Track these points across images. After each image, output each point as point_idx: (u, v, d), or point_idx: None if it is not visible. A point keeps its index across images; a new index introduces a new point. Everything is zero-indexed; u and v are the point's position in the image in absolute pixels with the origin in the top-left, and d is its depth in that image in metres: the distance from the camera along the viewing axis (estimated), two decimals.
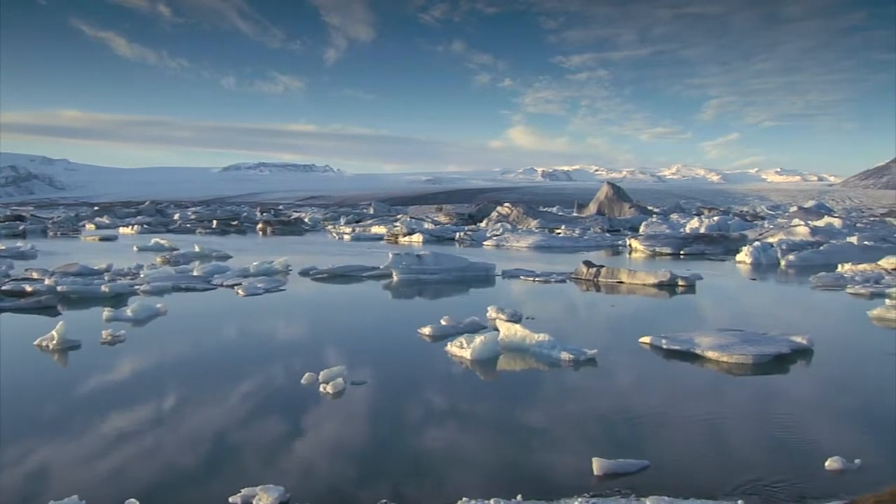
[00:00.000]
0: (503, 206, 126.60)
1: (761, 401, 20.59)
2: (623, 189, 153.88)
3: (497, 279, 47.92)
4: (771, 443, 16.71)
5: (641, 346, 26.59)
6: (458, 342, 24.91)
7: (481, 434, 16.99)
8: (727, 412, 19.28)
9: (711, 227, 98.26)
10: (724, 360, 24.21)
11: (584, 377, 22.62)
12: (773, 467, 14.92)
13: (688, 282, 44.86)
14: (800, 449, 16.17)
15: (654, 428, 17.58)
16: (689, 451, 16.01)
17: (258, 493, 13.00)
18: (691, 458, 15.54)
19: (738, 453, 15.89)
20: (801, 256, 62.38)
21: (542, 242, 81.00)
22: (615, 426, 17.69)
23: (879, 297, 39.99)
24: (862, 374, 24.21)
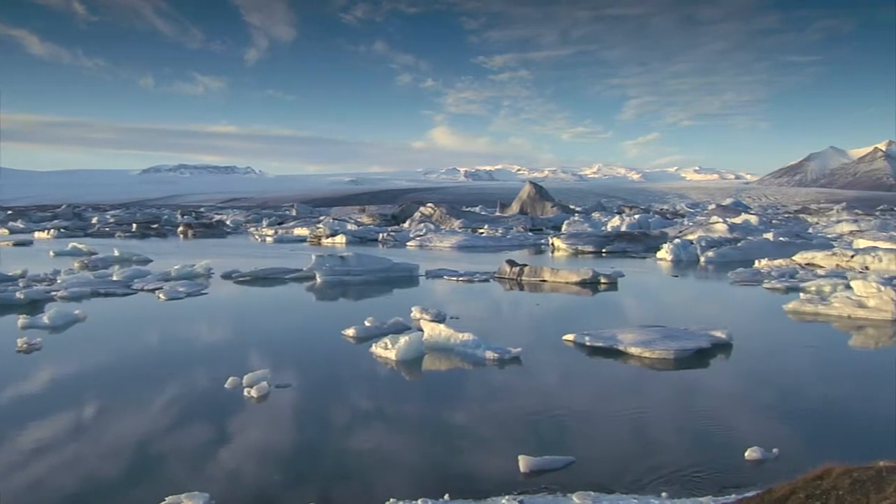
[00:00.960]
0: (426, 206, 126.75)
1: (683, 395, 20.91)
2: (545, 188, 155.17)
3: (421, 279, 47.97)
4: (693, 435, 16.99)
5: (565, 344, 26.81)
6: (383, 343, 24.85)
7: (408, 435, 16.96)
8: (650, 407, 19.53)
9: (632, 226, 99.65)
10: (646, 356, 24.54)
11: (508, 375, 22.71)
12: (695, 459, 15.17)
13: (610, 279, 45.38)
14: (721, 440, 16.46)
15: (578, 424, 17.73)
16: (613, 445, 16.18)
17: (183, 500, 12.78)
18: (616, 452, 15.70)
19: (661, 446, 16.11)
20: (719, 253, 63.58)
21: (466, 242, 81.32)
22: (540, 424, 17.79)
23: (794, 292, 40.96)
24: (779, 366, 24.74)
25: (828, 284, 41.94)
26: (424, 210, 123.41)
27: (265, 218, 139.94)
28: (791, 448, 15.56)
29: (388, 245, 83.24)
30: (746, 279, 47.79)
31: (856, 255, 54.38)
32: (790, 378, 23.09)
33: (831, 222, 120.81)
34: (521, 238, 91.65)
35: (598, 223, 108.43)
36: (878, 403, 20.22)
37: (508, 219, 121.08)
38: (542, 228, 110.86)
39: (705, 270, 57.07)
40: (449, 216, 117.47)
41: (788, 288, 43.07)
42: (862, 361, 26.70)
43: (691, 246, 66.19)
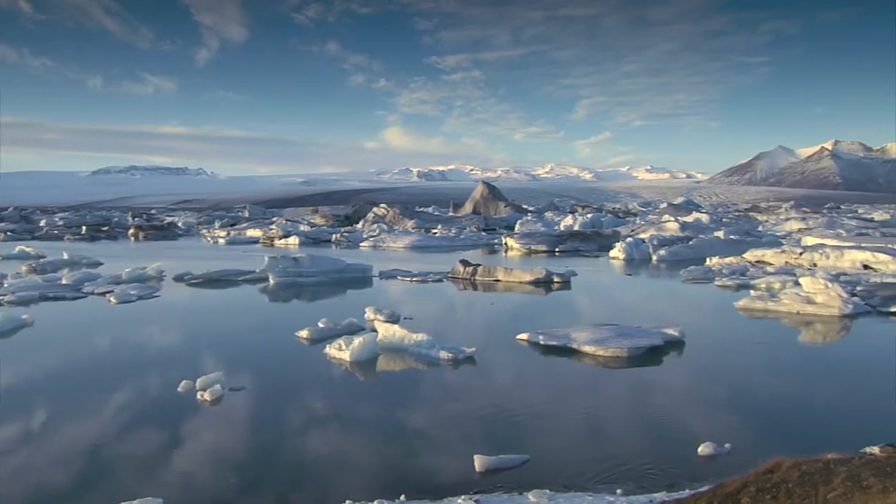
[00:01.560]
0: (379, 206, 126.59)
1: (637, 392, 21.08)
2: (498, 188, 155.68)
3: (374, 280, 47.90)
4: (647, 432, 17.13)
5: (519, 343, 26.90)
6: (337, 344, 24.78)
7: (363, 436, 16.92)
8: (604, 404, 19.67)
9: (585, 225, 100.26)
10: (600, 354, 24.71)
11: (463, 375, 22.75)
12: (649, 455, 15.30)
13: (563, 278, 45.61)
14: (674, 436, 16.63)
15: (533, 423, 17.80)
16: (568, 443, 16.26)
17: None
18: (571, 450, 15.79)
19: (615, 444, 16.23)
20: (671, 251, 64.18)
21: (419, 242, 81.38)
22: (496, 423, 17.84)
23: (745, 289, 41.47)
24: (730, 362, 25.04)
25: (777, 281, 42.54)
26: (378, 210, 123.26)
27: (217, 220, 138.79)
28: (743, 443, 15.75)
29: (342, 246, 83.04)
30: (698, 277, 48.31)
31: (804, 253, 55.15)
32: (741, 374, 23.38)
33: (780, 220, 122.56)
34: (474, 238, 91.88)
35: (550, 222, 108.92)
36: (826, 397, 20.60)
37: (462, 219, 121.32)
38: (495, 228, 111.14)
39: (657, 269, 57.58)
40: (402, 216, 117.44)
41: (739, 285, 43.59)
42: (811, 357, 27.08)
43: (643, 244, 66.74)
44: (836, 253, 53.54)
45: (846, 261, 52.21)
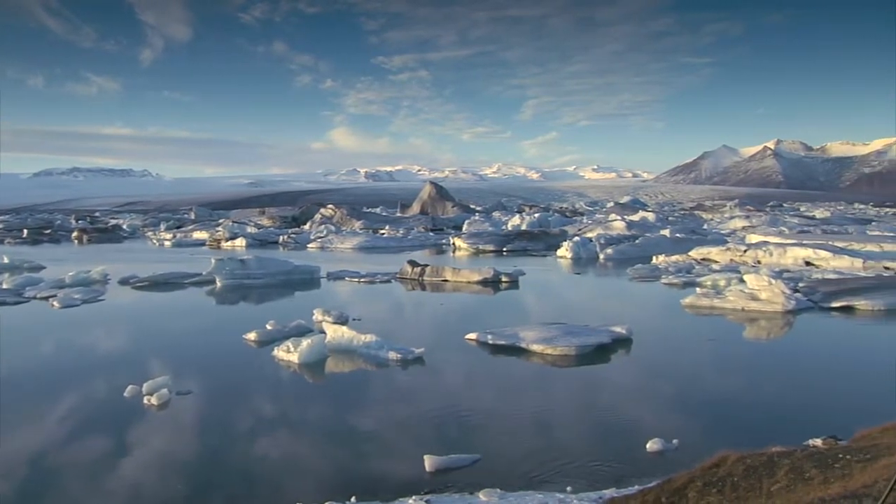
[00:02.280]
0: (327, 207, 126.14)
1: (586, 390, 21.24)
2: (445, 188, 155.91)
3: (322, 281, 47.72)
4: (596, 429, 17.27)
5: (468, 343, 26.95)
6: (285, 346, 24.65)
7: (313, 438, 16.86)
8: (553, 403, 19.79)
9: (533, 224, 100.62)
10: (548, 353, 24.84)
11: (412, 376, 22.75)
12: (598, 452, 15.42)
13: (511, 278, 45.77)
14: (623, 433, 16.78)
15: (483, 422, 17.85)
16: (518, 442, 16.32)
17: None
18: (521, 449, 15.85)
19: (565, 441, 16.33)
20: (618, 250, 64.72)
21: (367, 243, 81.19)
22: (445, 423, 17.86)
23: (691, 286, 41.96)
24: (677, 359, 25.33)
25: (722, 279, 43.11)
26: (325, 212, 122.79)
27: (163, 222, 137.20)
28: (690, 438, 15.93)
29: (289, 247, 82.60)
30: (645, 275, 48.78)
31: (748, 250, 55.97)
32: (688, 371, 23.67)
33: (725, 218, 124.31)
34: (422, 238, 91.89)
35: (498, 222, 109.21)
36: (771, 392, 20.90)
37: (409, 219, 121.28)
38: (443, 228, 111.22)
39: (605, 267, 58.00)
40: (350, 217, 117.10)
41: (685, 283, 44.09)
42: (755, 353, 27.47)
43: (591, 243, 67.22)
44: (779, 250, 54.44)
45: (789, 258, 53.11)
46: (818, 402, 19.65)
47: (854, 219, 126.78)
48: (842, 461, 8.27)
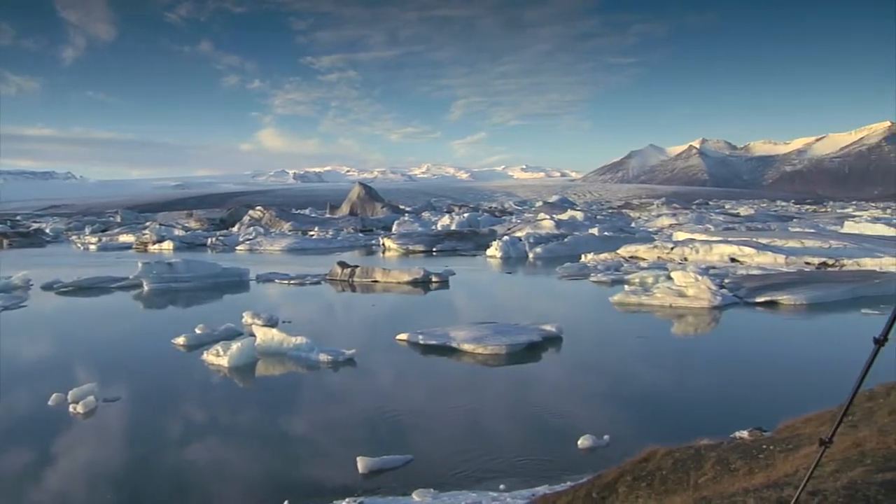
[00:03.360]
0: (255, 209, 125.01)
1: (517, 388, 21.37)
2: (375, 189, 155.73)
3: (252, 284, 47.32)
4: (528, 427, 17.38)
5: (399, 344, 26.93)
6: (215, 350, 24.39)
7: (244, 443, 16.70)
8: (485, 402, 19.87)
9: (462, 224, 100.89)
10: (479, 352, 24.93)
11: (343, 377, 22.68)
12: (530, 450, 15.53)
13: (441, 278, 45.86)
14: (555, 431, 16.92)
15: (416, 422, 17.87)
16: (451, 442, 16.37)
17: None
18: (454, 448, 15.89)
19: (497, 440, 16.41)
20: (547, 248, 65.24)
21: (296, 245, 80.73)
22: (378, 424, 17.83)
23: (619, 284, 42.48)
24: (607, 356, 25.64)
25: (650, 276, 43.71)
26: (254, 213, 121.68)
27: (88, 225, 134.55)
28: (621, 434, 16.12)
29: (218, 250, 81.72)
30: (574, 273, 49.20)
31: (675, 248, 56.85)
32: (618, 367, 23.96)
33: (652, 216, 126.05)
34: (351, 239, 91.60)
35: (428, 223, 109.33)
36: (699, 386, 21.30)
37: (339, 220, 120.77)
38: (372, 229, 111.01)
39: (534, 266, 58.42)
40: (279, 219, 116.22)
41: (614, 280, 44.61)
42: (683, 348, 27.92)
43: (520, 242, 67.64)
44: (705, 247, 55.39)
45: (715, 254, 54.06)
46: (745, 395, 20.02)
47: (777, 216, 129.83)
48: (766, 452, 8.44)
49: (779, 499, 5.39)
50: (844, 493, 5.30)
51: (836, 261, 49.64)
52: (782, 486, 5.97)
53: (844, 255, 50.85)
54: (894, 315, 4.64)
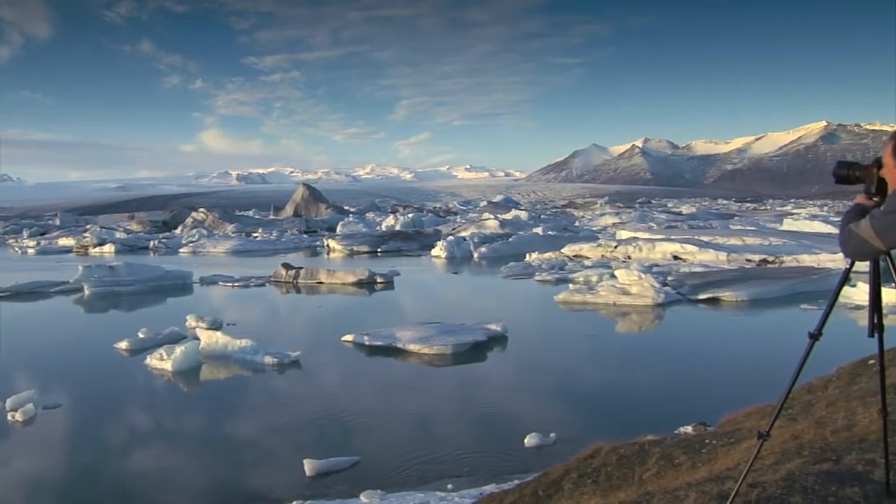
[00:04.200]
0: (198, 211, 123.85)
1: (463, 388, 21.44)
2: (319, 190, 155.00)
3: (195, 286, 46.87)
4: (475, 427, 17.45)
5: (344, 345, 26.87)
6: (158, 354, 24.12)
7: (189, 449, 16.57)
8: (432, 402, 19.92)
9: (407, 224, 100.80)
10: (425, 352, 24.96)
11: (289, 380, 22.59)
12: (478, 449, 15.60)
13: (386, 278, 45.83)
14: (502, 430, 17.00)
15: (362, 424, 17.85)
16: (398, 442, 16.38)
17: None
18: (401, 449, 15.90)
19: (444, 440, 16.45)
20: (492, 248, 65.45)
21: (240, 247, 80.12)
22: (324, 426, 17.79)
23: (564, 283, 42.77)
24: (552, 354, 25.82)
25: (594, 274, 44.01)
26: (196, 215, 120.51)
27: (26, 229, 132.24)
28: (567, 432, 16.24)
29: (160, 253, 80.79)
30: (518, 272, 49.43)
31: (619, 246, 57.36)
32: (563, 365, 24.14)
33: (596, 215, 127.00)
34: (296, 240, 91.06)
35: (372, 223, 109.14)
36: (644, 383, 21.54)
37: (283, 221, 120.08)
38: (316, 230, 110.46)
39: (479, 266, 58.58)
40: (222, 221, 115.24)
41: (558, 279, 44.88)
42: (628, 345, 28.20)
43: (464, 242, 67.78)
44: (648, 245, 55.96)
45: (658, 252, 54.64)
46: (689, 391, 20.30)
47: (718, 214, 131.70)
48: (708, 446, 8.57)
49: (720, 492, 5.48)
50: (783, 485, 5.41)
51: (776, 258, 50.49)
52: (723, 479, 6.07)
53: (784, 252, 51.74)
54: (828, 310, 4.77)
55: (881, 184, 4.42)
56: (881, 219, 4.12)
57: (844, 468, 5.86)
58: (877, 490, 5.30)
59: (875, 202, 4.45)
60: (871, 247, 4.16)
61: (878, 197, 4.44)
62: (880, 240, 4.10)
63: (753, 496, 5.23)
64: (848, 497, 5.19)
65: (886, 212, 4.12)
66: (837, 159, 4.95)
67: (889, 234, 4.07)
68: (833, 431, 7.36)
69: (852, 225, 4.30)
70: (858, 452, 6.32)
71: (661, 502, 5.65)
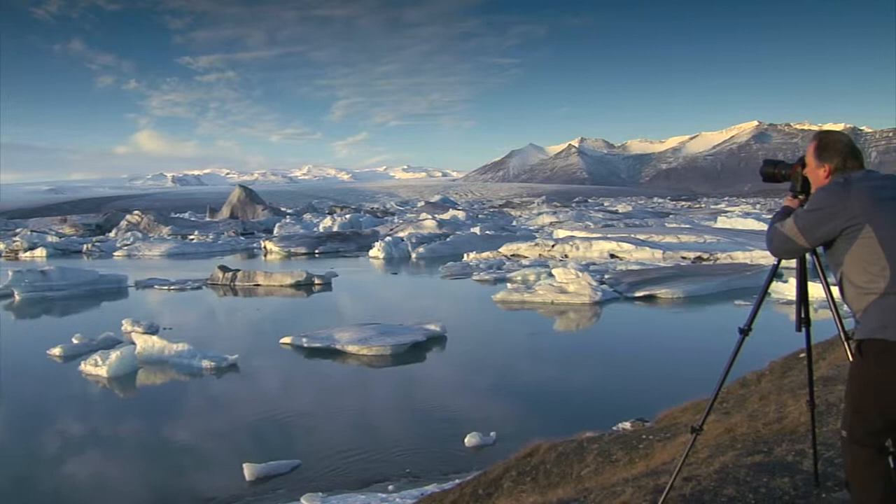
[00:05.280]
0: (133, 214, 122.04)
1: (403, 388, 21.46)
2: (255, 191, 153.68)
3: (131, 290, 46.19)
4: (416, 427, 17.48)
5: (283, 347, 26.72)
6: (93, 360, 23.73)
7: (126, 455, 16.35)
8: (372, 403, 19.91)
9: (344, 225, 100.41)
10: (364, 353, 24.93)
11: (228, 384, 22.40)
12: (418, 450, 15.64)
13: (324, 280, 45.64)
14: (442, 430, 17.05)
15: (302, 426, 17.78)
16: (339, 444, 16.33)
17: None
18: (342, 451, 15.87)
19: (385, 441, 16.46)
20: (430, 248, 65.52)
21: (176, 250, 79.18)
22: (264, 429, 17.69)
23: (502, 282, 42.98)
24: (491, 353, 25.94)
25: (532, 273, 44.28)
26: (131, 218, 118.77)
27: None
28: (507, 430, 16.35)
29: (94, 256, 79.48)
30: (456, 272, 49.54)
31: (556, 245, 57.79)
32: (503, 364, 24.27)
33: (533, 215, 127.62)
34: (232, 243, 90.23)
35: (309, 224, 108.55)
36: (583, 380, 21.77)
37: (219, 224, 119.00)
38: (253, 232, 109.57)
39: (417, 266, 58.60)
40: (157, 223, 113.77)
41: (496, 279, 45.07)
42: (566, 343, 28.46)
43: (402, 243, 67.78)
44: (585, 244, 56.49)
45: (595, 251, 55.19)
46: (627, 387, 20.56)
47: (654, 212, 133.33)
48: (645, 441, 8.70)
49: (655, 486, 5.58)
50: (716, 477, 5.54)
51: (711, 255, 51.30)
52: (659, 473, 6.18)
53: (718, 250, 52.63)
54: (757, 306, 4.90)
55: (805, 182, 4.58)
56: (804, 217, 4.30)
57: (775, 459, 6.02)
58: (806, 479, 5.46)
59: (801, 200, 4.60)
60: (795, 244, 4.33)
61: (803, 195, 4.60)
62: (803, 237, 4.27)
63: (688, 489, 5.34)
64: (778, 487, 5.33)
65: (809, 210, 4.28)
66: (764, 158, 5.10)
67: (811, 231, 4.22)
68: (765, 424, 7.54)
69: (778, 224, 4.50)
70: (789, 444, 6.49)
71: (599, 498, 5.73)
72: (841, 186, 4.22)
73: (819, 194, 4.30)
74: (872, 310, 4.12)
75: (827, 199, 4.22)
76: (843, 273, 4.25)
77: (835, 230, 4.15)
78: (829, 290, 4.81)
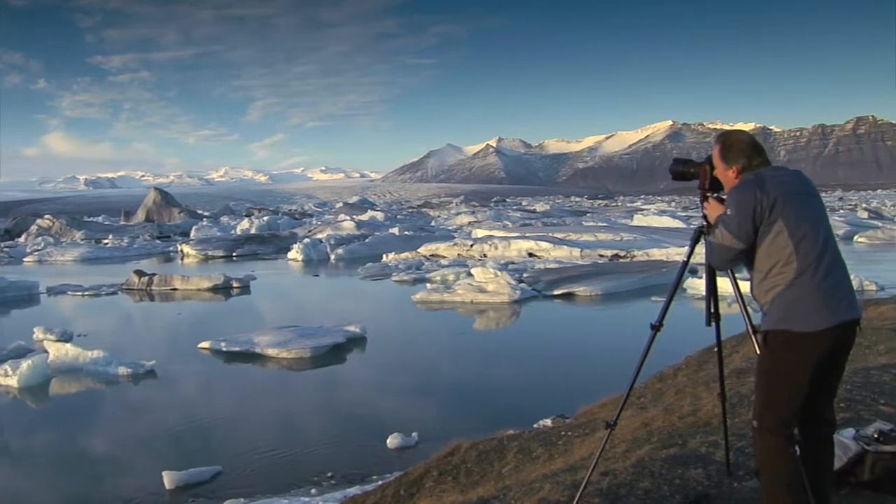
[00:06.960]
0: (44, 218, 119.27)
1: (324, 391, 21.40)
2: (171, 194, 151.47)
3: (42, 297, 45.14)
4: (337, 430, 17.43)
5: (201, 352, 26.39)
6: (3, 369, 23.11)
7: (39, 467, 16.01)
8: (293, 407, 19.79)
9: (262, 228, 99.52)
10: (283, 357, 24.76)
11: (145, 390, 22.05)
12: (340, 453, 15.60)
13: (242, 283, 45.19)
14: (364, 432, 17.02)
15: (223, 432, 17.60)
16: (260, 450, 16.20)
17: None
18: (263, 456, 15.75)
19: (307, 444, 16.38)
20: (349, 249, 65.31)
21: (90, 254, 77.63)
22: (183, 436, 17.46)
23: (421, 283, 43.06)
24: (412, 354, 26.00)
25: (451, 273, 44.44)
26: (42, 222, 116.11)
27: None
28: (428, 431, 16.37)
29: (2, 262, 77.39)
30: (376, 273, 49.47)
31: (475, 244, 58.11)
32: (423, 364, 24.34)
33: (452, 215, 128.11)
34: (148, 246, 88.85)
35: (227, 227, 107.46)
36: (504, 379, 21.93)
37: (134, 227, 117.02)
38: (170, 235, 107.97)
39: (336, 267, 58.39)
40: (70, 228, 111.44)
41: (416, 279, 45.13)
42: (486, 342, 28.64)
43: (321, 244, 67.45)
44: (503, 243, 56.89)
45: (513, 250, 55.62)
46: (548, 384, 20.74)
47: (571, 211, 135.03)
48: (564, 438, 8.83)
49: (573, 481, 5.67)
50: (633, 471, 5.65)
51: (628, 252, 52.11)
52: (577, 469, 6.28)
53: (635, 247, 53.49)
54: (667, 302, 5.03)
55: (714, 181, 4.72)
56: (730, 221, 4.43)
57: (689, 451, 6.18)
58: (718, 469, 5.63)
59: (714, 198, 4.74)
60: (733, 251, 4.46)
61: (711, 191, 4.74)
62: (738, 240, 4.40)
63: (605, 484, 5.44)
64: (692, 478, 5.48)
65: (732, 213, 4.42)
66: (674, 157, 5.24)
67: (741, 231, 4.37)
68: (680, 417, 7.72)
69: (710, 238, 4.65)
70: (703, 436, 6.66)
71: (518, 495, 5.81)
72: (754, 184, 4.37)
73: (735, 195, 4.46)
74: (778, 301, 4.26)
75: (743, 197, 4.37)
76: (755, 266, 4.39)
77: (757, 224, 4.28)
78: (736, 285, 4.96)
